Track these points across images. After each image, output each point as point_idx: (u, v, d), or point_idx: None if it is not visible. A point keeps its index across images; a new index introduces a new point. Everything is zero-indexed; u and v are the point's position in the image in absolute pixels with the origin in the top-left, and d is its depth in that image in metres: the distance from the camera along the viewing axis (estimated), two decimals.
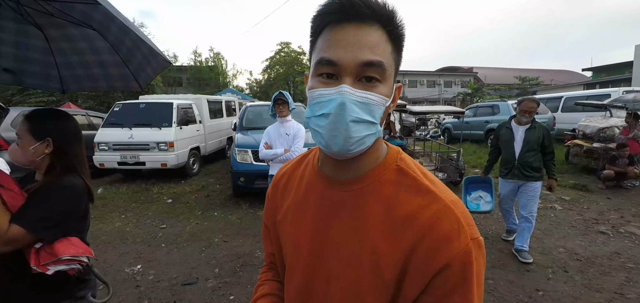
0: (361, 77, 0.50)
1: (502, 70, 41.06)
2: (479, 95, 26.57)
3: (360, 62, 0.49)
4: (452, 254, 0.48)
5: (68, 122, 1.29)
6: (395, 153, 0.59)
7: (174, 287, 2.91)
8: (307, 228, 0.62)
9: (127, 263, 3.36)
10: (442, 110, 7.43)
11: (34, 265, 1.10)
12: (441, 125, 14.50)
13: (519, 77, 28.96)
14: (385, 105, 0.52)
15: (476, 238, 0.51)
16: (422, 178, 0.55)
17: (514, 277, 2.98)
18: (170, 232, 4.20)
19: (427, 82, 37.75)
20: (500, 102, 11.22)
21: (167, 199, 5.67)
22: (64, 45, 1.71)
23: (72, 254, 1.15)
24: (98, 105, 17.52)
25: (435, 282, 0.49)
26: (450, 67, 42.20)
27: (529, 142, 3.19)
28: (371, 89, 0.50)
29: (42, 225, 1.11)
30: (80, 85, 1.92)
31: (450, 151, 6.82)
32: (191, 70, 28.88)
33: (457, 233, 0.49)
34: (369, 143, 0.53)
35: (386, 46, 0.51)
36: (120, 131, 6.62)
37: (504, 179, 3.47)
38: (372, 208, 0.54)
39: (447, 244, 0.48)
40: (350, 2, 0.49)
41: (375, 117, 0.51)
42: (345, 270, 0.55)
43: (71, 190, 1.20)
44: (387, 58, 0.51)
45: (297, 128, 3.18)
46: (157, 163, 6.54)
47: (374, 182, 0.56)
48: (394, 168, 0.57)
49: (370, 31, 0.50)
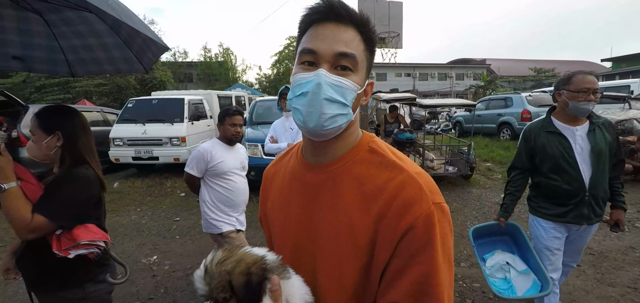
0: (337, 65, 0.59)
1: (516, 61, 40.04)
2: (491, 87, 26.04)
3: (336, 52, 0.59)
4: (415, 216, 0.54)
5: (75, 116, 1.37)
6: (368, 138, 0.68)
7: (189, 276, 3.01)
8: (292, 211, 0.70)
9: (143, 254, 3.48)
10: (452, 103, 7.32)
11: (56, 250, 1.19)
12: (452, 119, 14.30)
13: (533, 69, 28.23)
14: (357, 91, 0.61)
15: (438, 203, 0.57)
16: (391, 155, 0.63)
17: None
18: (183, 224, 4.32)
19: (438, 74, 37.15)
20: (513, 94, 10.99)
21: (180, 193, 5.81)
22: (65, 29, 1.73)
23: (90, 239, 1.24)
24: (112, 102, 17.96)
25: (402, 244, 0.55)
26: (462, 59, 41.39)
27: (601, 154, 1.80)
28: (345, 76, 0.59)
29: (62, 213, 1.21)
30: (88, 68, 1.95)
31: (461, 144, 6.75)
32: (201, 66, 29.18)
33: (419, 198, 0.55)
34: (342, 122, 0.60)
35: (359, 44, 0.61)
36: (134, 127, 6.79)
37: (556, 222, 1.92)
38: (347, 186, 0.62)
39: (410, 208, 0.55)
40: (331, 5, 0.59)
41: (347, 100, 0.59)
42: (327, 243, 0.62)
43: (85, 179, 1.29)
44: (359, 53, 0.61)
45: None
46: (170, 158, 6.69)
47: (348, 162, 0.64)
48: (366, 149, 0.65)
49: (346, 30, 0.60)
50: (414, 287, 0.54)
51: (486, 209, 4.64)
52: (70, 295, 1.29)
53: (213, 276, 0.57)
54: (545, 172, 1.92)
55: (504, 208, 2.15)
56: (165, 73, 21.42)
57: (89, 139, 1.39)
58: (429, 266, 0.54)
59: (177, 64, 27.03)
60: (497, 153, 8.28)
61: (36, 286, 1.34)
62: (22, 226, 1.14)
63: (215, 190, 2.26)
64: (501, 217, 2.15)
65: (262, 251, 0.62)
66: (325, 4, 0.59)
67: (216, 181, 2.27)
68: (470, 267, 3.05)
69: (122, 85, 18.92)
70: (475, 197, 5.20)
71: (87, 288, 1.32)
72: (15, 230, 1.16)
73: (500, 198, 5.10)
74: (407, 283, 0.54)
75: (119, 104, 16.75)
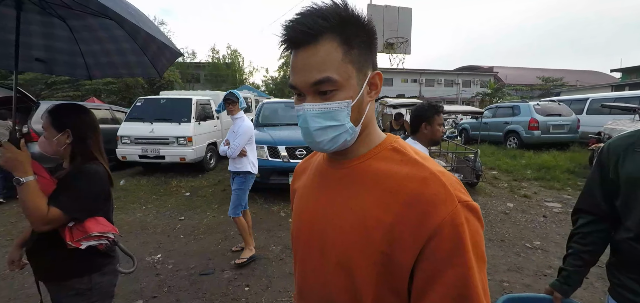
0: (317, 92, 0.58)
1: (524, 70, 39.72)
2: (498, 95, 25.85)
3: (310, 83, 0.57)
4: (441, 217, 0.51)
5: (85, 114, 1.42)
6: (392, 138, 0.66)
7: (192, 276, 3.02)
8: (311, 204, 0.71)
9: (148, 252, 3.50)
10: (459, 110, 7.29)
11: (69, 241, 1.26)
12: (458, 126, 14.22)
13: (541, 78, 27.97)
14: (349, 105, 0.59)
15: (465, 201, 0.53)
16: (412, 154, 0.61)
17: (531, 281, 2.92)
18: (188, 224, 4.34)
19: (444, 81, 37.00)
20: (521, 102, 10.89)
21: (185, 192, 5.85)
22: (86, 35, 1.80)
23: (100, 231, 1.30)
24: (120, 100, 18.17)
25: (430, 247, 0.52)
26: (469, 66, 41.21)
27: None
28: (328, 99, 0.58)
29: (75, 206, 1.26)
30: (105, 72, 2.02)
31: (468, 151, 6.70)
32: (209, 67, 29.45)
33: (443, 197, 0.53)
34: (344, 139, 0.60)
35: (335, 55, 0.56)
36: (141, 125, 6.86)
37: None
38: (365, 182, 0.61)
39: (434, 208, 0.52)
40: (291, 34, 0.57)
41: (339, 120, 0.58)
42: (339, 236, 0.62)
43: (96, 175, 1.35)
44: (336, 68, 0.56)
45: (239, 125, 3.26)
46: (176, 157, 6.75)
47: (369, 159, 0.63)
48: (389, 148, 0.64)
49: (316, 50, 0.56)
50: (450, 291, 0.52)
51: (492, 218, 4.59)
52: (77, 285, 1.34)
53: None
54: (632, 226, 1.06)
55: (563, 277, 1.29)
56: (173, 73, 21.65)
57: (98, 136, 1.44)
58: (462, 270, 0.51)
59: (185, 64, 27.29)
60: (504, 162, 8.20)
61: (46, 277, 1.38)
62: (39, 218, 1.19)
63: None
64: (557, 291, 1.29)
65: None
66: (287, 33, 0.57)
67: None
68: None
69: (131, 84, 19.15)
70: (480, 205, 5.13)
71: (93, 278, 1.37)
72: (31, 221, 1.22)
73: (507, 207, 5.10)
74: (442, 288, 0.52)
75: (127, 102, 16.95)
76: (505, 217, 4.64)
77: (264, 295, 2.73)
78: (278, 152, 5.14)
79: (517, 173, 7.14)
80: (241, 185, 3.31)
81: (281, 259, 3.35)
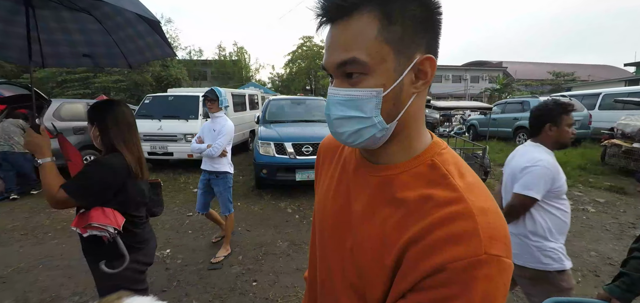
0: (345, 74, 0.50)
1: (534, 64, 39.05)
2: (508, 91, 25.49)
3: (335, 64, 0.50)
4: (454, 258, 0.42)
5: (110, 108, 1.49)
6: (434, 148, 0.55)
7: (201, 271, 3.06)
8: (334, 200, 0.64)
9: (157, 247, 3.55)
10: (467, 106, 7.20)
11: (74, 226, 1.38)
12: (466, 122, 14.07)
13: (552, 72, 27.46)
14: (379, 95, 0.49)
15: (496, 255, 0.42)
16: (453, 177, 0.49)
17: None
18: (196, 220, 4.39)
19: (452, 77, 36.61)
20: (531, 98, 10.72)
21: (193, 189, 5.90)
22: (111, 23, 1.85)
23: (101, 223, 1.35)
24: (129, 98, 18.40)
25: (426, 282, 0.44)
26: (477, 61, 40.68)
27: None
28: (355, 85, 0.49)
29: (79, 192, 1.34)
30: (136, 58, 2.06)
31: (476, 148, 6.63)
32: (216, 64, 29.60)
33: (468, 238, 0.42)
34: (372, 133, 0.51)
35: (369, 31, 0.47)
36: (150, 122, 6.94)
37: None
38: (392, 196, 0.52)
39: (451, 246, 0.43)
40: (324, 5, 0.49)
41: (364, 111, 0.49)
42: (355, 250, 0.55)
43: (108, 166, 1.40)
44: (367, 47, 0.47)
45: (223, 125, 3.19)
46: (184, 154, 6.81)
47: (402, 172, 0.53)
48: (427, 162, 0.53)
49: (348, 25, 0.48)
50: None
51: None
52: (95, 267, 1.44)
53: None
54: None
55: (626, 283, 1.20)
56: (181, 71, 21.83)
57: (122, 129, 1.49)
58: None
59: (192, 62, 27.50)
60: None
61: (86, 257, 1.51)
62: (49, 196, 1.31)
63: (554, 216, 1.65)
64: (617, 298, 1.21)
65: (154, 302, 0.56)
66: (321, 4, 0.49)
67: (555, 204, 1.66)
68: None
69: (139, 82, 19.36)
70: None
71: (115, 265, 1.45)
72: (46, 198, 1.34)
73: None
74: None
75: (135, 99, 17.18)
76: None
77: (271, 291, 2.75)
78: (285, 148, 5.15)
79: None
80: (225, 186, 3.30)
81: (288, 255, 3.37)
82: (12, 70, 16.91)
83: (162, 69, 20.63)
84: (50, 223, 4.29)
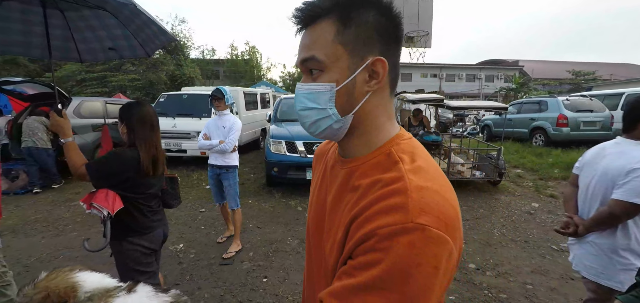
0: (308, 71, 0.58)
1: (552, 63, 37.90)
2: (524, 90, 24.85)
3: (299, 61, 0.58)
4: (380, 225, 0.45)
5: (136, 109, 1.68)
6: (394, 140, 0.59)
7: (212, 266, 3.11)
8: (317, 198, 0.70)
9: (171, 241, 3.63)
10: (482, 105, 7.05)
11: (81, 201, 1.62)
12: (480, 122, 13.78)
13: (572, 71, 26.59)
14: (332, 90, 0.55)
15: (422, 224, 0.44)
16: (403, 162, 0.53)
17: (557, 284, 2.81)
18: (208, 216, 4.47)
19: (466, 76, 35.85)
20: (548, 97, 10.39)
21: (206, 185, 6.00)
22: (122, 16, 1.97)
23: (100, 204, 1.55)
24: (144, 96, 18.84)
25: (359, 250, 0.47)
26: (492, 60, 39.75)
27: None
28: (315, 80, 0.57)
29: (94, 173, 1.57)
30: (150, 46, 2.20)
31: (490, 149, 6.49)
32: (228, 63, 29.95)
33: (397, 209, 0.46)
34: (326, 126, 0.58)
35: (327, 34, 0.54)
36: (165, 120, 7.08)
37: None
38: (353, 184, 0.57)
39: (382, 215, 0.46)
40: (295, 15, 0.57)
41: (319, 103, 0.56)
42: (326, 237, 0.61)
43: (120, 157, 1.60)
44: (324, 47, 0.54)
45: (233, 121, 3.32)
46: (197, 152, 6.92)
47: (363, 163, 0.58)
48: (386, 152, 0.57)
49: (312, 30, 0.56)
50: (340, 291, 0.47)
51: (515, 218, 4.44)
52: (116, 246, 1.70)
53: (25, 293, 0.60)
54: None
55: None
56: (194, 70, 22.18)
57: (145, 128, 1.68)
58: (362, 283, 0.45)
59: (205, 61, 27.90)
60: (529, 160, 7.89)
61: None
62: (74, 171, 1.57)
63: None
64: None
65: (101, 278, 0.62)
66: (294, 14, 0.57)
67: None
68: (497, 277, 2.93)
69: (154, 81, 19.79)
70: (503, 204, 4.99)
71: (123, 244, 1.69)
72: (71, 170, 1.58)
73: (532, 207, 4.91)
74: (337, 287, 0.48)
75: (150, 98, 17.57)
76: (529, 217, 4.48)
77: (281, 287, 2.77)
78: (296, 147, 5.18)
79: (543, 172, 6.85)
80: (234, 179, 3.39)
81: (298, 253, 3.39)
82: (35, 69, 17.56)
83: (176, 68, 21.02)
84: (70, 215, 4.44)
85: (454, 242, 0.46)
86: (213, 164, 3.37)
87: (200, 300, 2.59)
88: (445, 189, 0.50)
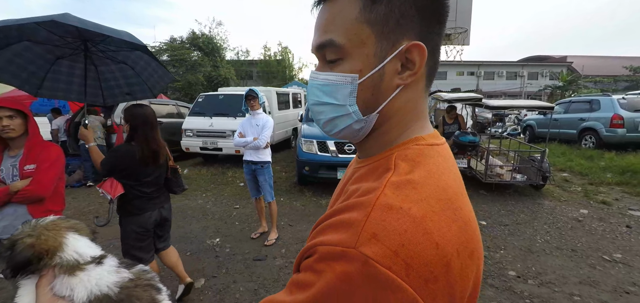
0: (324, 58, 0.47)
1: (605, 59, 34.65)
2: (572, 88, 22.95)
3: (314, 47, 0.47)
4: (323, 242, 0.38)
5: (139, 110, 2.08)
6: (406, 144, 0.47)
7: (247, 261, 3.23)
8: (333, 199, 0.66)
9: (208, 235, 3.82)
10: (524, 105, 6.62)
11: (98, 187, 2.21)
12: (522, 122, 12.96)
13: (628, 67, 24.12)
14: (352, 82, 0.44)
15: (365, 255, 0.34)
16: (395, 171, 0.42)
17: (609, 297, 2.59)
18: (242, 212, 4.64)
19: (506, 73, 33.81)
20: (601, 96, 9.51)
21: (240, 183, 6.23)
22: (138, 67, 2.64)
23: (105, 190, 2.13)
24: (183, 96, 19.92)
25: (303, 264, 0.41)
26: (536, 56, 37.13)
27: None
28: (332, 69, 0.45)
29: (102, 167, 2.06)
30: (156, 88, 2.81)
31: (533, 150, 6.09)
32: (261, 64, 30.70)
33: (348, 227, 0.37)
34: (345, 126, 0.47)
35: (349, 12, 0.43)
36: (202, 119, 7.46)
37: None
38: (346, 188, 0.50)
39: (331, 231, 0.39)
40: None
41: (337, 98, 0.45)
42: None
43: (121, 152, 2.09)
44: (345, 28, 0.43)
45: (266, 119, 3.55)
46: (232, 150, 7.21)
47: (363, 166, 0.50)
48: (387, 156, 0.46)
49: (332, 4, 0.45)
50: None
51: (561, 224, 4.13)
52: (121, 223, 2.20)
53: (22, 231, 0.60)
54: None
55: None
56: (229, 70, 23.05)
57: (147, 127, 2.09)
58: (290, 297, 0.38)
59: (239, 62, 28.84)
60: (577, 163, 7.29)
61: None
62: (96, 167, 2.08)
63: None
64: None
65: (85, 247, 0.61)
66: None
67: None
68: (540, 286, 2.75)
69: (192, 82, 20.86)
70: (547, 210, 4.67)
71: (122, 222, 2.19)
72: (96, 168, 2.11)
73: (580, 214, 4.54)
74: None
75: (189, 98, 18.53)
76: (577, 224, 4.15)
77: None
78: (327, 146, 5.21)
79: (593, 177, 6.31)
80: (269, 174, 3.59)
81: None
82: None
83: (213, 69, 21.97)
84: None
85: (420, 295, 0.34)
86: (248, 160, 3.55)
87: (235, 293, 2.71)
88: (436, 220, 0.37)
